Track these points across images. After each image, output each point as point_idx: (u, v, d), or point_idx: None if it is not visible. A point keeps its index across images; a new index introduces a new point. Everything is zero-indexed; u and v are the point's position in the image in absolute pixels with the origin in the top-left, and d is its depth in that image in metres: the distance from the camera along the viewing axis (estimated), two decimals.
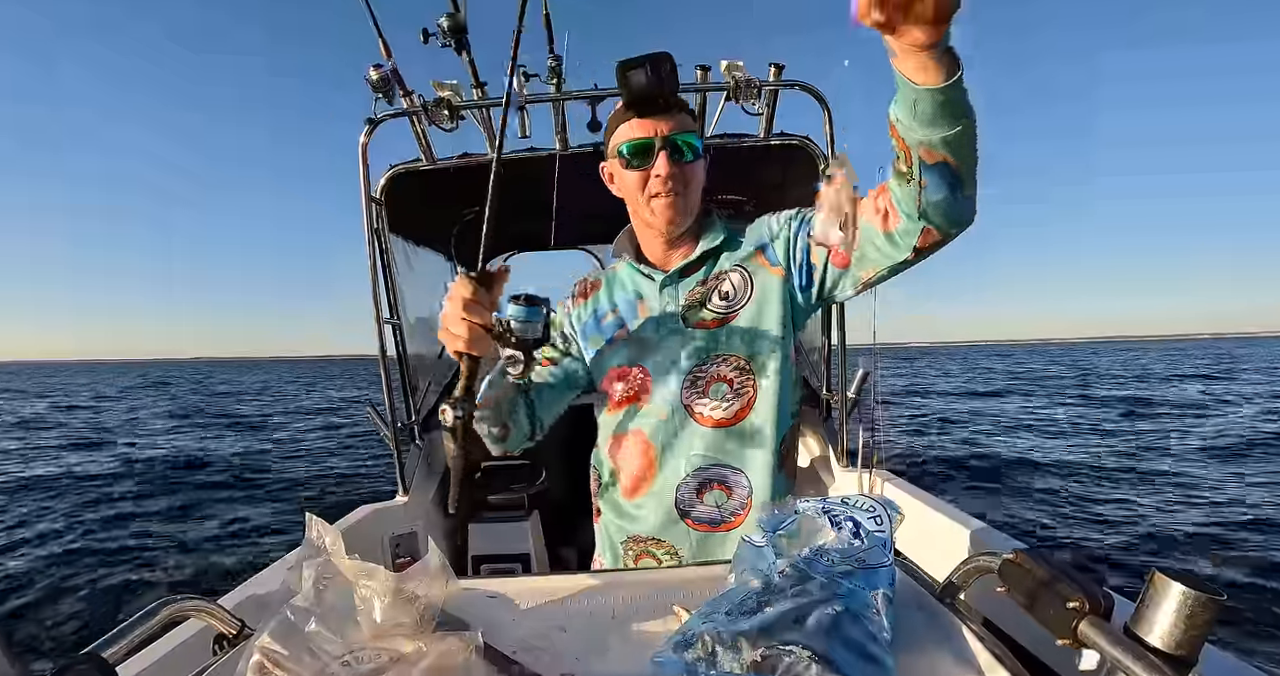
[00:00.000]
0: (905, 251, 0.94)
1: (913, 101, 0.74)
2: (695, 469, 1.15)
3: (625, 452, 1.21)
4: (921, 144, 0.79)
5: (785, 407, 1.16)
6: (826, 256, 1.07)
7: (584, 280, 1.34)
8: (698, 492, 1.15)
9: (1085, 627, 0.57)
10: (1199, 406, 15.27)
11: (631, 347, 1.20)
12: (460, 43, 1.87)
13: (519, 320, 0.93)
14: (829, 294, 1.13)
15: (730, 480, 1.15)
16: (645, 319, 1.21)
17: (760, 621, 0.63)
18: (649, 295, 1.23)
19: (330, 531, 0.73)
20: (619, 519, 1.24)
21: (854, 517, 0.79)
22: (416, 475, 2.51)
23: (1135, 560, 4.74)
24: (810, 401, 2.69)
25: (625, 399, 1.21)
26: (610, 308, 1.26)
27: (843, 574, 0.69)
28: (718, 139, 2.21)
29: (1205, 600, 0.52)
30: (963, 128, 0.76)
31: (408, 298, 2.53)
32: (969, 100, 0.75)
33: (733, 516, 1.15)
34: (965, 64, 0.71)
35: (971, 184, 0.84)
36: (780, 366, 1.14)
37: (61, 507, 7.87)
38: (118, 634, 0.67)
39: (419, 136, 2.15)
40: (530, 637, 0.76)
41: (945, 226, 0.89)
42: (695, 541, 1.16)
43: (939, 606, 0.76)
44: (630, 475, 1.20)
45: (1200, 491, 6.85)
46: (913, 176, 0.83)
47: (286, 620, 0.64)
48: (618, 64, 1.04)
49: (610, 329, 1.24)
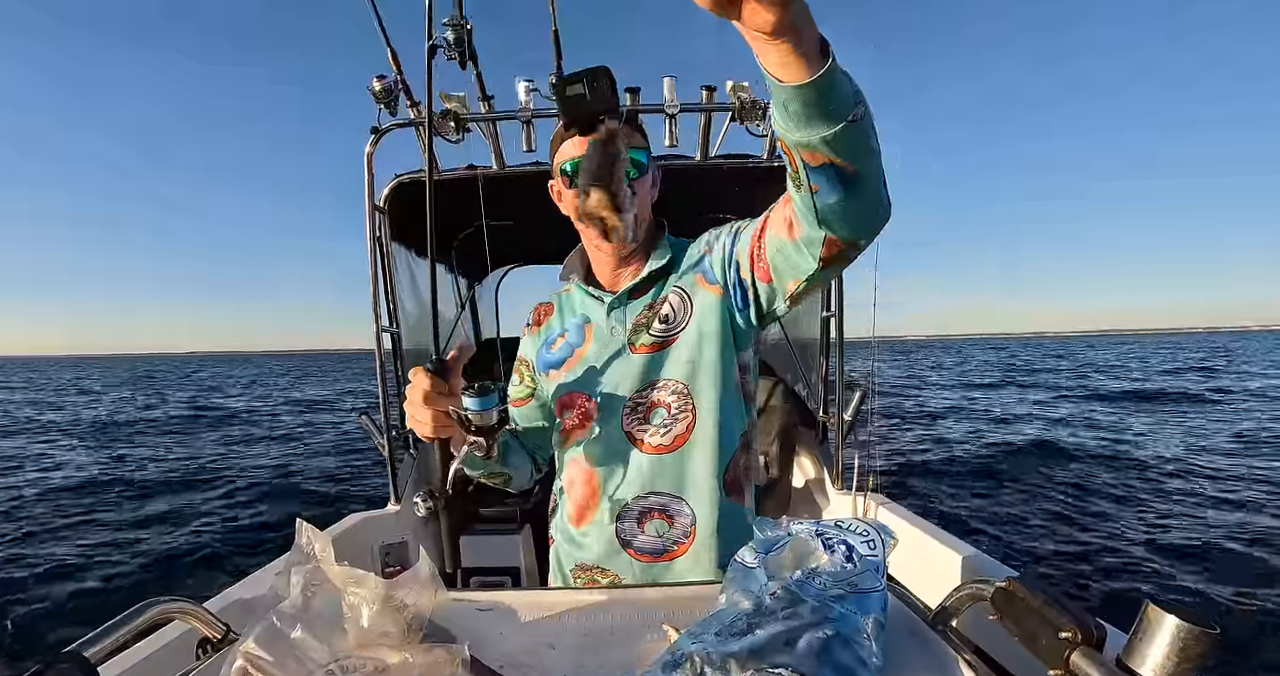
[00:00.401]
0: (812, 261, 0.88)
1: (782, 102, 0.66)
2: (635, 497, 1.12)
3: (572, 481, 1.19)
4: (800, 145, 0.71)
5: (729, 431, 1.12)
6: (752, 271, 1.03)
7: (538, 307, 1.33)
8: (639, 522, 1.12)
9: (1077, 658, 0.57)
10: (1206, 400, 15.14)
11: (579, 374, 1.18)
12: (465, 56, 1.89)
13: (473, 411, 1.00)
14: (767, 310, 1.07)
15: (671, 509, 1.11)
16: (591, 344, 1.18)
17: (750, 643, 0.62)
18: (596, 318, 1.19)
19: (320, 538, 0.73)
20: (568, 544, 1.21)
21: (847, 541, 0.79)
22: (409, 484, 2.50)
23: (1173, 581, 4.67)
24: (807, 423, 2.69)
25: (572, 426, 1.19)
26: (560, 332, 1.24)
27: (834, 597, 0.69)
28: (721, 159, 2.23)
29: (1199, 633, 0.51)
30: (846, 125, 0.67)
31: (408, 307, 2.54)
32: (850, 91, 0.66)
33: (675, 545, 1.11)
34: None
35: (871, 185, 0.76)
36: (721, 389, 1.11)
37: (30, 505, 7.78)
38: (101, 633, 0.66)
39: (424, 147, 2.17)
40: (518, 653, 0.76)
41: (848, 233, 0.82)
42: (638, 571, 1.13)
43: (930, 633, 0.76)
44: (575, 503, 1.18)
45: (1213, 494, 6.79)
46: (802, 182, 0.76)
47: (272, 625, 0.63)
48: (554, 81, 1.01)
49: (560, 355, 1.22)
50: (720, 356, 1.10)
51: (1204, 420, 12.05)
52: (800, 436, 2.68)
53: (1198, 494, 6.76)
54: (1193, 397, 16.22)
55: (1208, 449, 9.12)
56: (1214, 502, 6.45)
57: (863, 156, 0.72)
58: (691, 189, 2.36)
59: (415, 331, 2.66)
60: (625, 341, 1.14)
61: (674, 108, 2.03)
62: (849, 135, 0.68)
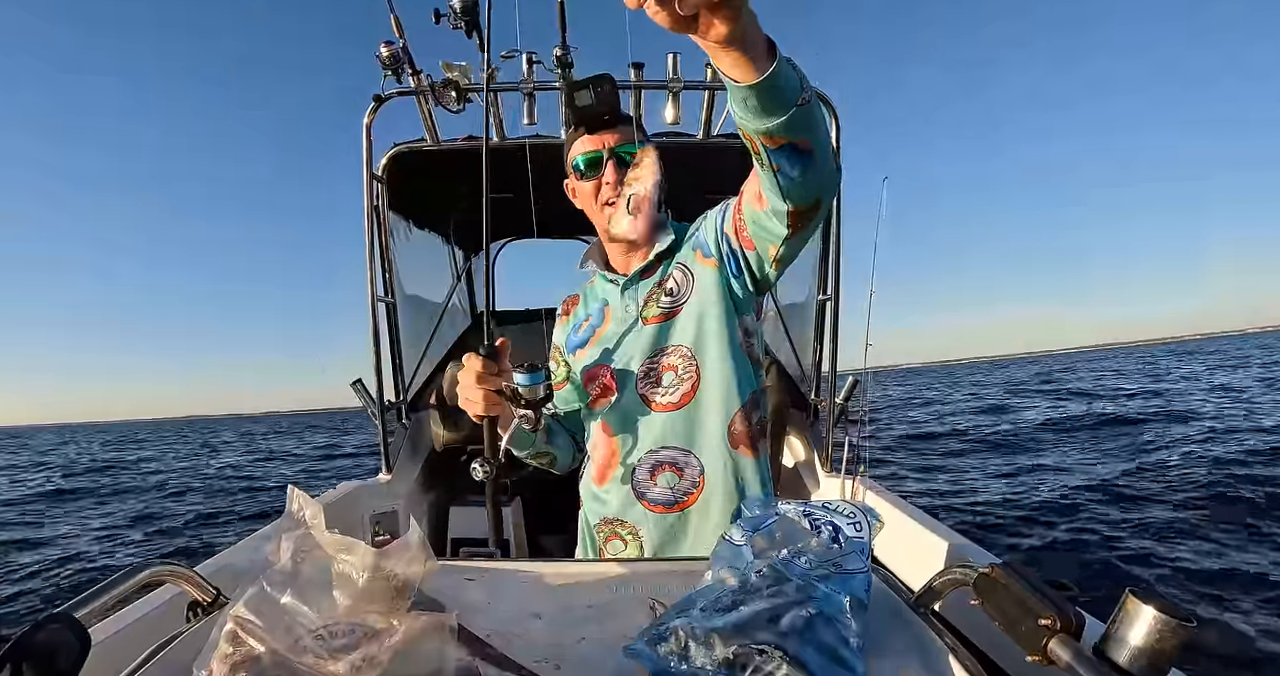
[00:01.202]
0: (783, 228, 0.99)
1: (741, 98, 0.76)
2: (648, 452, 1.21)
3: (595, 445, 1.32)
4: (760, 132, 0.81)
5: (732, 388, 1.20)
6: (739, 241, 1.15)
7: (566, 300, 1.48)
8: (651, 475, 1.21)
9: (1055, 645, 0.58)
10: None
11: (600, 350, 1.30)
12: (471, 25, 1.87)
13: (524, 386, 1.13)
14: (760, 275, 1.18)
15: (681, 462, 1.20)
16: (610, 323, 1.31)
17: (734, 619, 0.63)
18: (613, 300, 1.32)
19: (311, 504, 0.73)
20: (592, 502, 1.32)
21: (834, 522, 0.80)
22: (401, 454, 2.51)
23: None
24: (798, 405, 2.70)
25: (596, 397, 1.31)
26: (585, 318, 1.37)
27: (819, 577, 0.69)
28: (723, 138, 2.21)
29: (1175, 625, 0.52)
30: (796, 110, 0.77)
31: (404, 277, 2.52)
32: (796, 78, 0.76)
33: (685, 496, 1.20)
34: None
35: (824, 153, 0.87)
36: (725, 351, 1.19)
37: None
38: (92, 595, 0.66)
39: (425, 116, 2.14)
40: (505, 623, 0.77)
41: (810, 198, 0.94)
42: (652, 522, 1.21)
43: (913, 615, 0.77)
44: (597, 464, 1.30)
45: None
46: (765, 163, 0.87)
47: (262, 590, 0.64)
48: (565, 86, 1.15)
49: (585, 337, 1.34)
50: (722, 321, 1.20)
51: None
52: (791, 417, 2.69)
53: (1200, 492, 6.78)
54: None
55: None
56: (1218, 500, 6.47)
57: (813, 132, 0.83)
58: (693, 167, 2.35)
59: (410, 301, 2.65)
60: (638, 315, 1.26)
61: (677, 84, 2.01)
62: (800, 116, 0.78)
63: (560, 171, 1.32)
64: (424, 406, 2.81)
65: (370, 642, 0.61)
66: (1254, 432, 9.67)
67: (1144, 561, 4.83)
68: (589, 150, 1.22)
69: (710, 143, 2.20)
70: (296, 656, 0.58)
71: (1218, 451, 8.46)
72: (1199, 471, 7.35)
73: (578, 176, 1.26)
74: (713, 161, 2.47)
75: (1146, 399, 16.29)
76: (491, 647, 0.69)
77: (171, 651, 0.70)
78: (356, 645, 0.60)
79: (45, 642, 0.55)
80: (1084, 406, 15.45)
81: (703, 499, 1.19)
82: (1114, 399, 17.06)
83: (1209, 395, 16.14)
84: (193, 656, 0.60)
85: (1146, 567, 4.71)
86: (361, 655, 0.58)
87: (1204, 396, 15.76)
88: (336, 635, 0.62)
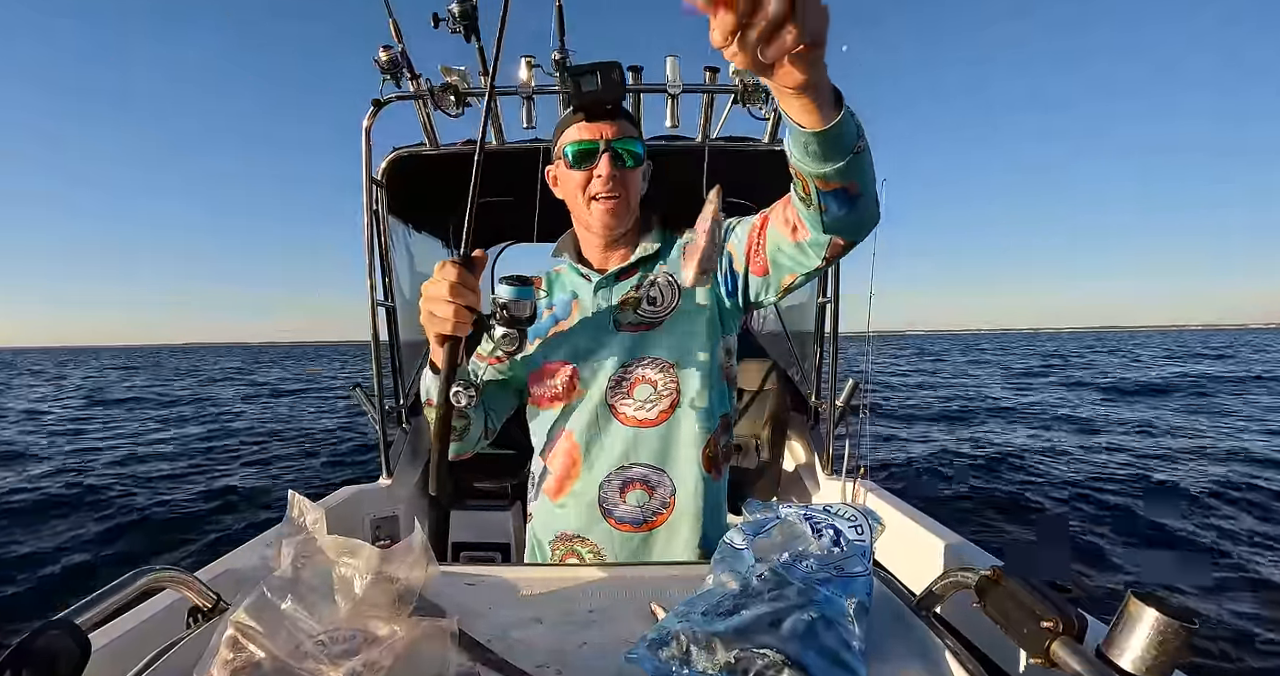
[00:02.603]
0: (816, 260, 1.00)
1: (803, 142, 0.77)
2: (617, 468, 1.16)
3: (554, 452, 1.22)
4: (815, 176, 0.82)
5: (711, 409, 1.18)
6: (747, 265, 1.12)
7: (533, 278, 1.35)
8: (620, 492, 1.16)
9: (1058, 648, 0.58)
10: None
11: (562, 345, 1.22)
12: (470, 29, 1.87)
13: (511, 299, 1.01)
14: (755, 299, 1.16)
15: (652, 480, 1.16)
16: (578, 318, 1.23)
17: (736, 623, 0.63)
18: (584, 295, 1.25)
19: (313, 509, 0.73)
20: (546, 516, 1.24)
21: (835, 525, 0.79)
22: (401, 459, 2.50)
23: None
24: (799, 407, 2.70)
25: (554, 396, 1.22)
26: (547, 306, 1.28)
27: (820, 581, 0.69)
28: (721, 142, 2.21)
29: (1177, 627, 0.52)
30: (853, 157, 0.79)
31: (403, 281, 2.52)
32: (855, 127, 0.77)
33: (654, 516, 1.16)
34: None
35: (870, 197, 0.89)
36: (705, 370, 1.17)
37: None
38: (91, 601, 0.66)
39: (424, 121, 2.14)
40: (506, 628, 0.76)
41: (850, 236, 0.95)
42: (617, 542, 1.16)
43: (914, 618, 0.77)
44: (555, 475, 1.21)
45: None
46: (812, 202, 0.88)
47: (263, 596, 0.63)
48: (568, 69, 1.10)
49: (544, 326, 1.25)
50: (706, 341, 1.17)
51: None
52: (792, 421, 2.69)
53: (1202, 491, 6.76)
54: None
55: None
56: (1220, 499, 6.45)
57: (864, 177, 0.84)
58: (691, 171, 2.35)
59: (410, 305, 2.65)
60: (611, 319, 1.20)
61: (676, 88, 2.01)
62: (855, 163, 0.79)
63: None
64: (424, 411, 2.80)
65: (371, 648, 0.60)
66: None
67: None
68: (584, 139, 1.14)
69: (708, 147, 2.20)
70: (298, 662, 0.58)
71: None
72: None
73: (566, 164, 1.17)
74: (710, 165, 2.48)
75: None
76: (493, 652, 0.69)
77: (172, 657, 0.70)
78: (358, 650, 0.60)
79: (45, 648, 0.55)
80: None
81: (672, 519, 1.16)
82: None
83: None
84: (193, 662, 0.60)
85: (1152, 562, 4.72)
86: (363, 660, 0.58)
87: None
88: (338, 641, 0.61)
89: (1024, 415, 12.50)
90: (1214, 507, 6.05)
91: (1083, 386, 18.23)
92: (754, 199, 2.87)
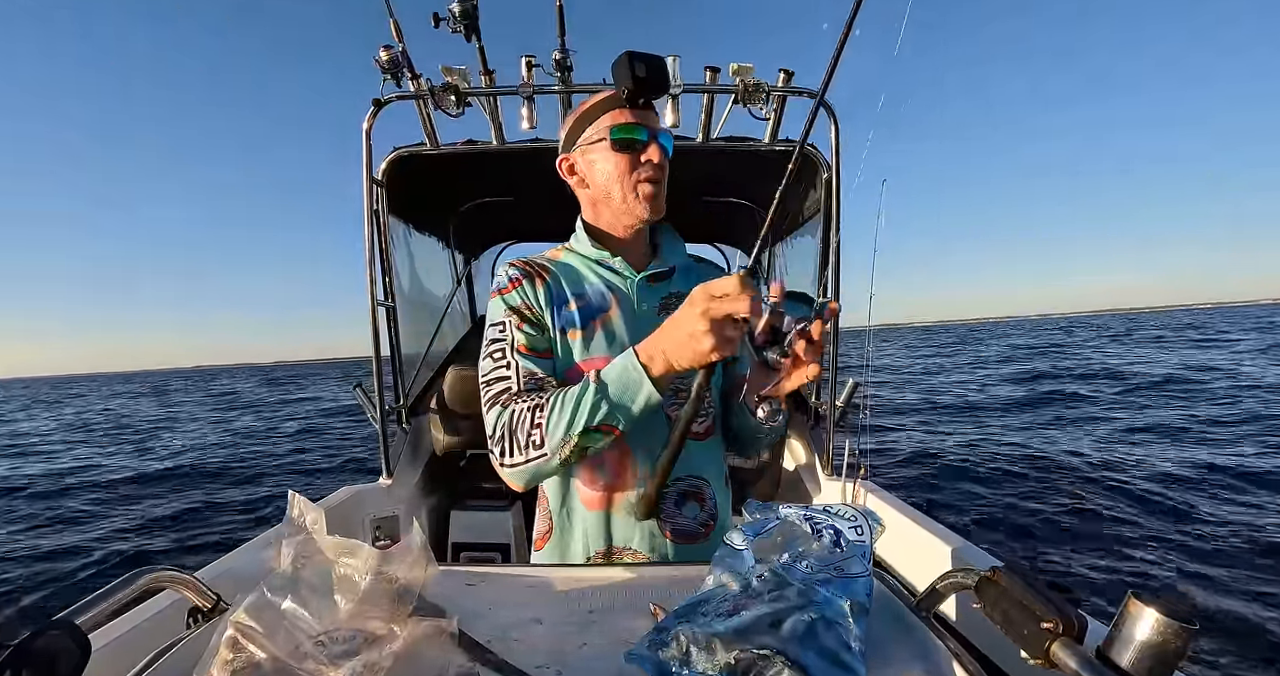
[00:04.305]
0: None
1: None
2: (675, 479, 1.12)
3: (602, 459, 1.12)
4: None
5: (728, 426, 1.23)
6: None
7: (526, 262, 1.22)
8: (677, 504, 1.13)
9: (1058, 648, 0.58)
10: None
11: (610, 342, 1.14)
12: (471, 29, 1.87)
13: (793, 317, 0.89)
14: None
15: (704, 492, 1.16)
16: (621, 315, 1.16)
17: (736, 624, 0.63)
18: (621, 291, 1.19)
19: (313, 509, 0.73)
20: (588, 526, 1.14)
21: (835, 526, 0.80)
22: (401, 459, 2.50)
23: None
24: (799, 408, 2.70)
25: None
26: (573, 295, 1.17)
27: (820, 581, 0.69)
28: (723, 141, 2.21)
29: (1178, 628, 0.52)
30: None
31: (403, 281, 2.53)
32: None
33: (703, 528, 1.14)
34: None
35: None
36: (720, 389, 1.23)
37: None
38: (91, 601, 0.66)
39: (424, 121, 2.14)
40: (506, 628, 0.76)
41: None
42: (673, 553, 1.12)
43: (914, 619, 0.77)
44: (604, 483, 1.12)
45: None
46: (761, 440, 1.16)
47: (263, 596, 0.64)
48: (622, 54, 1.05)
49: (580, 317, 1.15)
50: (735, 363, 1.23)
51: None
52: (792, 421, 2.69)
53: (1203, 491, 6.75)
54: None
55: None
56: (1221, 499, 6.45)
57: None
58: (693, 170, 2.35)
59: (411, 305, 2.66)
60: (658, 320, 1.04)
61: (676, 88, 2.01)
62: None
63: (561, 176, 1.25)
64: (424, 411, 2.81)
65: (371, 648, 0.60)
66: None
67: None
68: (633, 122, 1.10)
69: (709, 146, 2.20)
70: (297, 662, 0.58)
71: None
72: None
73: (611, 145, 1.11)
74: (711, 165, 2.48)
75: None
76: (493, 653, 0.69)
77: (172, 657, 0.69)
78: (358, 651, 0.60)
79: (45, 649, 0.55)
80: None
81: (716, 531, 1.15)
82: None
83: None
84: (193, 663, 0.60)
85: (1154, 563, 4.72)
86: (363, 661, 0.58)
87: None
88: (338, 641, 0.61)
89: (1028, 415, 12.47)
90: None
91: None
92: (754, 199, 2.87)
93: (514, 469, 1.02)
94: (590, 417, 0.95)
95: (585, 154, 1.16)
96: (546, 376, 1.09)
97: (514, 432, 1.00)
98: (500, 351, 1.11)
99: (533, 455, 0.99)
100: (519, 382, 1.08)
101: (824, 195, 2.24)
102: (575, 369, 1.13)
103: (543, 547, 1.19)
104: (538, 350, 1.12)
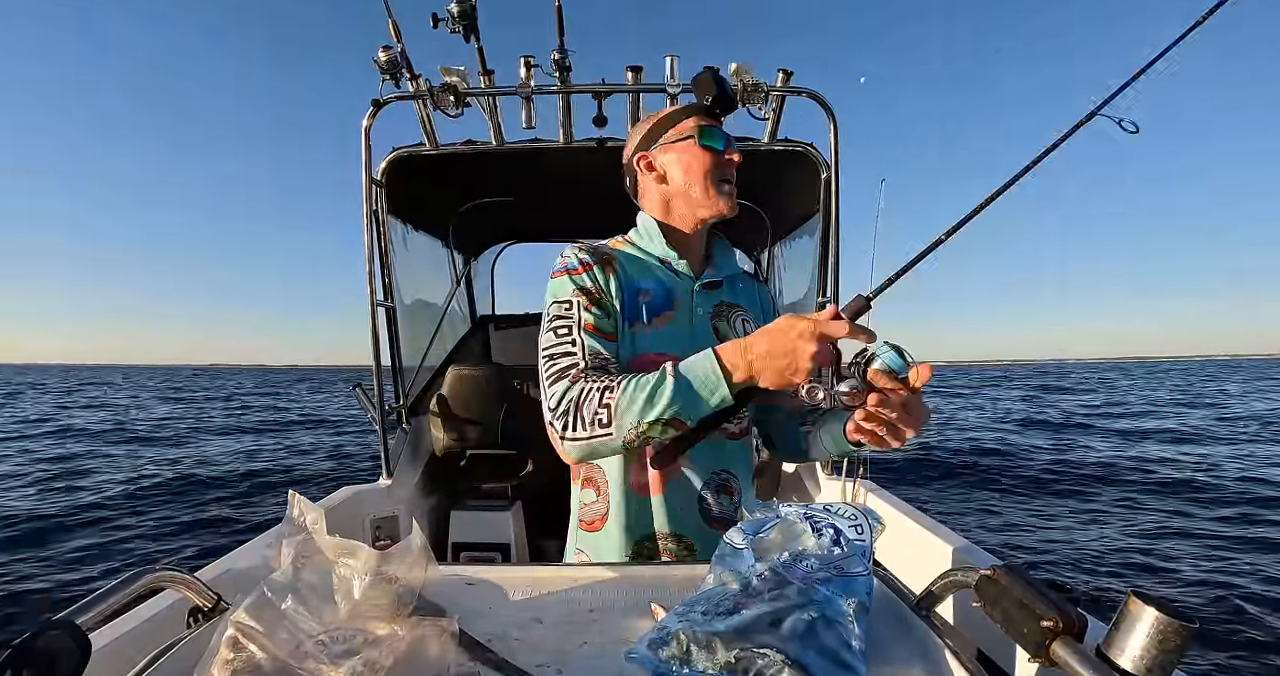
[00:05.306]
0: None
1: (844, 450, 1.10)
2: (712, 472, 1.19)
3: (661, 445, 1.10)
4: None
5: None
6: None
7: (595, 248, 1.24)
8: (716, 494, 1.19)
9: (1058, 647, 0.58)
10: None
11: (670, 339, 1.17)
12: (469, 29, 1.87)
13: (886, 368, 0.92)
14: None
15: (733, 486, 1.22)
16: (682, 316, 1.22)
17: (736, 623, 0.63)
18: (681, 292, 1.23)
19: (313, 509, 0.73)
20: (638, 509, 1.18)
21: (835, 525, 0.79)
22: (401, 459, 2.51)
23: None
24: None
25: None
26: (641, 288, 1.21)
27: (820, 580, 0.69)
28: None
29: (1178, 627, 0.52)
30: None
31: (403, 281, 2.52)
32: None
33: (734, 517, 1.20)
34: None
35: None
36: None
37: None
38: (92, 601, 0.66)
39: (423, 121, 2.14)
40: (506, 627, 0.76)
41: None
42: (709, 540, 1.13)
43: (914, 618, 0.77)
44: (658, 469, 1.15)
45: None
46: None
47: (263, 596, 0.63)
48: (705, 70, 1.22)
49: (646, 310, 1.19)
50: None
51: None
52: None
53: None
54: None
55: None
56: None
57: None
58: None
59: (410, 305, 2.66)
60: (711, 328, 1.24)
61: (676, 87, 2.02)
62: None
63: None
64: (424, 411, 2.81)
65: (372, 648, 0.60)
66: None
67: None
68: (717, 127, 1.22)
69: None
70: (298, 662, 0.58)
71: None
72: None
73: (698, 144, 1.19)
74: None
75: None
76: (493, 652, 0.69)
77: (172, 658, 0.69)
78: (358, 651, 0.60)
79: (45, 649, 0.55)
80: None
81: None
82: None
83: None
84: (193, 663, 0.60)
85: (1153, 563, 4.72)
86: (363, 660, 0.58)
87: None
88: (338, 641, 0.61)
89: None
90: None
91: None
92: (754, 199, 2.87)
93: (575, 443, 1.03)
94: (665, 411, 0.97)
95: (666, 151, 1.23)
96: (610, 358, 1.12)
97: (580, 408, 1.01)
98: (566, 328, 1.13)
99: (598, 432, 1.00)
100: (585, 359, 1.09)
101: (823, 195, 2.24)
102: (639, 359, 1.16)
103: (599, 530, 1.21)
104: (604, 331, 1.14)
